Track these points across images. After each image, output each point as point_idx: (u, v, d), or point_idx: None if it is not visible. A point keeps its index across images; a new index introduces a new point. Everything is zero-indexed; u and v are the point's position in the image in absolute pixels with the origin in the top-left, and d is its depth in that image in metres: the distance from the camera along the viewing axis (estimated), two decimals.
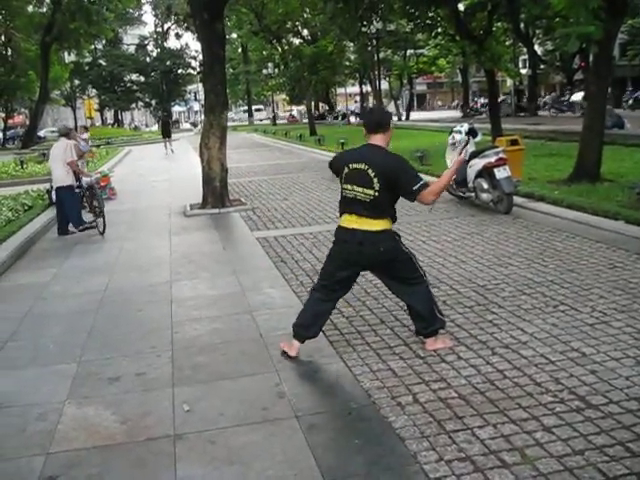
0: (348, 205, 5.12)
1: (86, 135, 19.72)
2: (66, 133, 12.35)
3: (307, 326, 5.31)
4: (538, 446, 3.80)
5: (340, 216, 5.24)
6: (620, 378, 4.59)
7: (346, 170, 5.08)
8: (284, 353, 5.36)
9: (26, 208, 13.81)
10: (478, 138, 12.08)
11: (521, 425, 4.04)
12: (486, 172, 10.78)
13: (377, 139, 5.11)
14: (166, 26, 79.68)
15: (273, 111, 73.29)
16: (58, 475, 3.88)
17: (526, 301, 6.35)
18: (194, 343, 5.83)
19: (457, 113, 58.45)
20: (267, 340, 5.74)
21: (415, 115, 60.63)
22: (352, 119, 60.42)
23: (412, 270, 5.25)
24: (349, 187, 5.06)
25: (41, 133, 59.88)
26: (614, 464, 3.58)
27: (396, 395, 4.54)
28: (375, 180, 4.91)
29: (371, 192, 4.93)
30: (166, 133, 34.85)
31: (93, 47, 67.84)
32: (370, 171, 4.93)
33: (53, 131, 68.84)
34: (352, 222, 5.07)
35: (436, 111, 73.78)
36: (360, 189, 4.98)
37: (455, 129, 12.16)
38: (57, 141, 12.58)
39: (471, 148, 11.62)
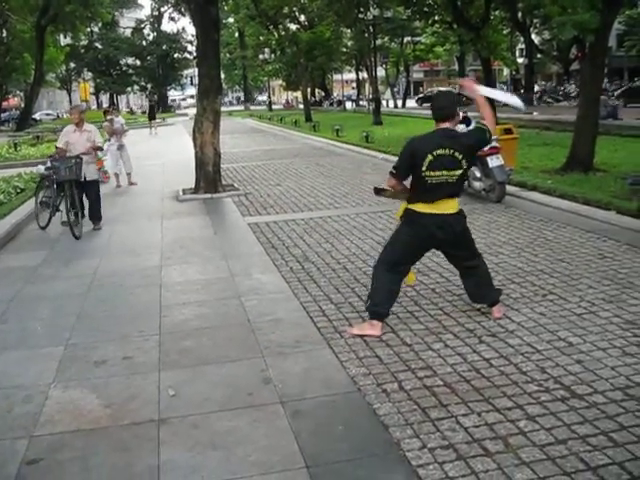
0: (430, 192, 5.27)
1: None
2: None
3: (386, 304, 5.48)
4: (522, 435, 3.81)
5: (413, 202, 5.37)
6: (606, 368, 4.60)
7: (430, 158, 5.17)
8: (357, 334, 5.38)
9: (18, 191, 13.74)
10: (472, 126, 12.04)
11: (505, 414, 4.05)
12: (479, 160, 10.75)
13: (447, 124, 5.30)
14: (162, 9, 79.16)
15: (269, 97, 73.12)
16: (41, 458, 3.87)
17: (515, 290, 6.35)
18: (182, 327, 5.82)
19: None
20: (255, 325, 5.73)
21: (412, 102, 60.60)
22: (348, 105, 60.34)
23: (473, 243, 5.75)
24: (438, 173, 5.19)
25: (36, 116, 59.69)
26: (596, 454, 3.58)
27: (382, 382, 4.54)
28: (463, 161, 5.22)
29: (459, 172, 5.25)
30: (151, 116, 37.93)
31: (89, 30, 67.35)
32: (457, 154, 5.19)
33: (48, 114, 68.67)
34: (432, 208, 5.30)
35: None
36: (450, 172, 5.21)
37: None
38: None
39: None
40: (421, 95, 63.45)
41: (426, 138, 5.36)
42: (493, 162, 10.50)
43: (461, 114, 12.03)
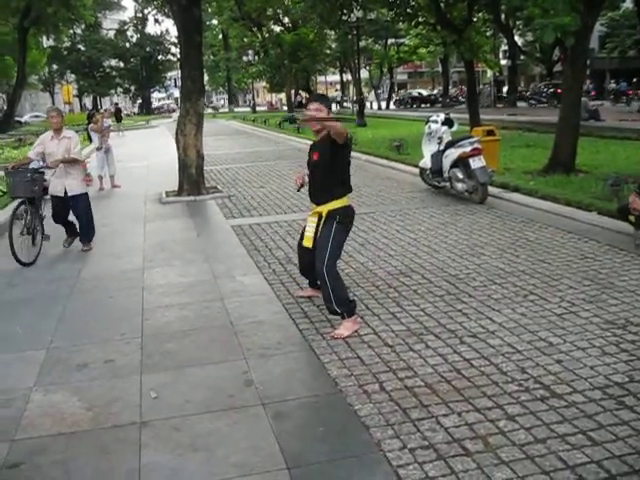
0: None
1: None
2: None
3: (350, 297, 5.69)
4: (501, 434, 3.84)
5: (344, 196, 5.64)
6: (585, 368, 4.64)
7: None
8: (348, 336, 5.39)
9: (0, 194, 13.63)
10: (455, 128, 12.12)
11: (485, 414, 4.07)
12: (461, 162, 10.82)
13: None
14: (146, 11, 78.85)
15: (253, 99, 73.10)
16: (22, 462, 3.85)
17: (496, 291, 6.39)
18: (164, 330, 5.81)
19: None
20: (237, 327, 5.73)
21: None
22: (334, 107, 60.41)
23: None
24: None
25: (25, 118, 59.43)
26: (575, 452, 3.62)
27: (363, 383, 4.55)
28: None
29: None
30: (118, 118, 41.70)
31: (72, 32, 66.95)
32: None
33: (37, 116, 68.00)
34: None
35: None
36: None
37: (431, 119, 12.19)
38: None
39: (447, 138, 11.66)
40: (398, 97, 63.84)
41: None
42: (475, 163, 10.57)
43: (442, 115, 12.22)
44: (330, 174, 5.50)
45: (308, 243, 5.66)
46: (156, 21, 79.00)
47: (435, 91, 66.84)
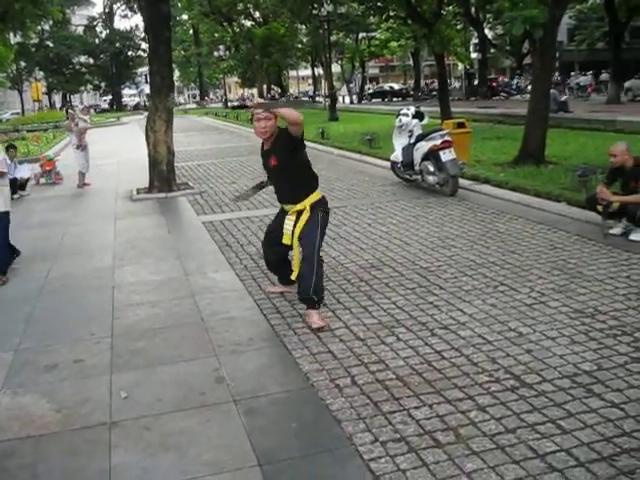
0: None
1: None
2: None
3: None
4: (472, 425, 3.85)
5: (315, 190, 5.65)
6: (555, 357, 4.67)
7: None
8: (317, 330, 5.36)
9: None
10: (425, 121, 12.14)
11: (456, 405, 4.09)
12: (432, 155, 10.85)
13: None
14: (115, 6, 78.14)
15: (225, 94, 72.80)
16: None
17: (467, 282, 6.42)
18: (134, 328, 5.76)
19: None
20: (208, 324, 5.70)
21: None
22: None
23: None
24: None
25: (6, 116, 58.79)
26: (544, 441, 3.64)
27: (335, 377, 4.55)
28: None
29: None
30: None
31: (40, 28, 66.08)
32: None
33: (17, 113, 66.95)
34: None
35: None
36: None
37: (402, 112, 12.19)
38: None
39: (418, 131, 11.68)
40: (370, 91, 63.92)
41: None
42: (446, 156, 10.60)
43: (413, 108, 12.25)
44: (299, 173, 5.55)
45: (287, 240, 5.64)
46: (124, 17, 78.13)
47: (407, 84, 67.09)
